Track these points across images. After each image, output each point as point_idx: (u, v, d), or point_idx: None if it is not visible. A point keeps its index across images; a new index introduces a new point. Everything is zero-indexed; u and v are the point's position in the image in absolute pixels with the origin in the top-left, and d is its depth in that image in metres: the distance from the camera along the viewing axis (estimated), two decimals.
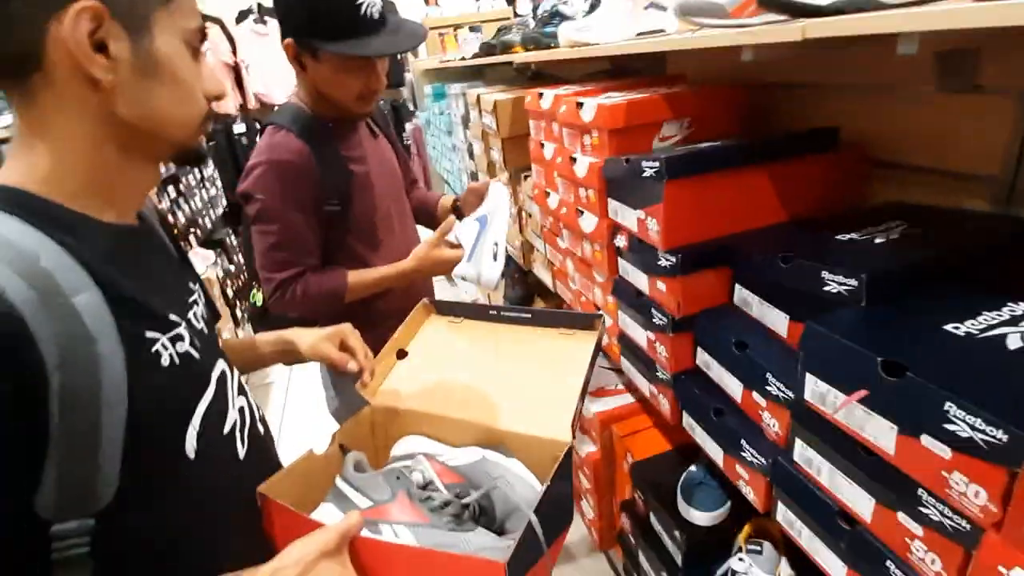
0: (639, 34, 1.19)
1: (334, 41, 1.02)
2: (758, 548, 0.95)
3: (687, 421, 0.98)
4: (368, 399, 0.86)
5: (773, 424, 0.76)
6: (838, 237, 0.77)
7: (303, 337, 0.85)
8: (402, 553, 0.60)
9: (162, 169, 2.44)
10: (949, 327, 0.56)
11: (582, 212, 1.15)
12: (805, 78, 1.08)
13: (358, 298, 1.18)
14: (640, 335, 1.04)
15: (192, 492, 0.58)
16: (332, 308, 1.14)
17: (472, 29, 2.40)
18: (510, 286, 2.32)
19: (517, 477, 0.74)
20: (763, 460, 0.78)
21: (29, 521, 0.47)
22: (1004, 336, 0.53)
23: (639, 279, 0.99)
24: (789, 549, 0.95)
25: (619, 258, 1.07)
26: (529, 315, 0.91)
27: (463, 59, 2.37)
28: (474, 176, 2.20)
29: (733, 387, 0.84)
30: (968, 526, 0.48)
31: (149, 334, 0.54)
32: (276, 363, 0.90)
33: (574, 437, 0.73)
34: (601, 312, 1.00)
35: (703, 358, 0.91)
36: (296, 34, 1.04)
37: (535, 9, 1.84)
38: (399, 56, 4.11)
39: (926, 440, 0.50)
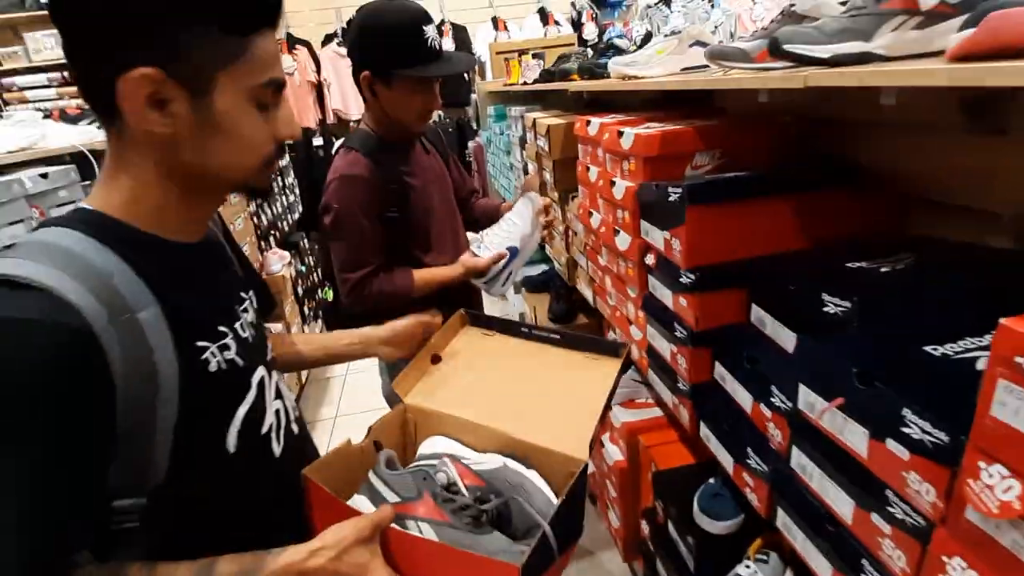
0: (683, 69, 1.28)
1: (407, 67, 1.24)
2: (765, 558, 0.99)
3: (704, 431, 1.04)
4: (402, 397, 0.94)
5: (776, 434, 0.82)
6: (848, 264, 0.83)
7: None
8: (426, 547, 0.65)
9: None
10: (928, 348, 0.61)
11: (618, 231, 1.25)
12: (841, 115, 1.13)
13: (421, 295, 1.35)
14: (665, 347, 1.11)
15: (232, 482, 0.66)
16: (401, 304, 1.29)
17: (535, 56, 2.55)
18: (554, 300, 2.41)
19: (535, 487, 0.78)
20: (765, 467, 0.83)
21: (105, 495, 0.57)
22: (975, 359, 0.58)
23: (664, 295, 1.07)
24: (795, 562, 0.99)
25: (649, 275, 1.15)
26: (558, 336, 0.96)
27: (524, 83, 2.52)
28: None
29: (744, 399, 0.90)
30: (923, 522, 0.54)
31: (200, 343, 0.61)
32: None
33: (590, 456, 0.77)
34: (627, 342, 1.06)
35: (720, 371, 0.98)
36: (374, 66, 1.26)
37: (600, 34, 1.95)
38: (466, 77, 4.38)
39: (890, 443, 0.56)
